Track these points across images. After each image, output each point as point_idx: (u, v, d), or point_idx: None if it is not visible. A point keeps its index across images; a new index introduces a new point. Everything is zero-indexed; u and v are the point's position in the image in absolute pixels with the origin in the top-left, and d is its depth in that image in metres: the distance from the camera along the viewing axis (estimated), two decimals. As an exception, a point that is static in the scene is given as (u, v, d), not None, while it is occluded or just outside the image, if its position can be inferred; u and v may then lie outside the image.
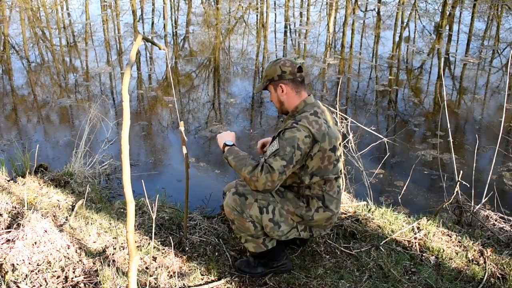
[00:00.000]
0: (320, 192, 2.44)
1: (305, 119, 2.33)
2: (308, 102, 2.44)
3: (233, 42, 8.66)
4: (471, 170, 3.35)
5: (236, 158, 2.36)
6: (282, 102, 2.49)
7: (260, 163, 2.28)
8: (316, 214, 2.45)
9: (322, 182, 2.42)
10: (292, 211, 2.45)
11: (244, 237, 2.51)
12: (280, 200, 2.45)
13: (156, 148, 4.82)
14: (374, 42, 8.66)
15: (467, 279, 2.61)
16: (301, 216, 2.45)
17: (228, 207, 2.45)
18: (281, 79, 2.44)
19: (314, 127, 2.31)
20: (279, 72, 2.43)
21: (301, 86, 2.47)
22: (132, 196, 1.78)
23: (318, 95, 6.13)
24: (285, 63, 2.44)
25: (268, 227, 2.43)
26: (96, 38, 8.77)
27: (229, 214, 2.47)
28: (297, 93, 2.45)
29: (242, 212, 2.41)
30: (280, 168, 2.25)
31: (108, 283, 2.42)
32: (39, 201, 3.24)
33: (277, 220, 2.42)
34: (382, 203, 3.50)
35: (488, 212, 3.20)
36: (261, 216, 2.41)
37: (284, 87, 2.44)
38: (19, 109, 5.79)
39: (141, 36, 1.91)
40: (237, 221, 2.45)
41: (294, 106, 2.45)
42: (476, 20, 10.32)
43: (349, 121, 3.50)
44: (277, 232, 2.45)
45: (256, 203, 2.40)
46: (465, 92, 6.33)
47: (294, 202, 2.45)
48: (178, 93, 6.29)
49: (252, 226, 2.43)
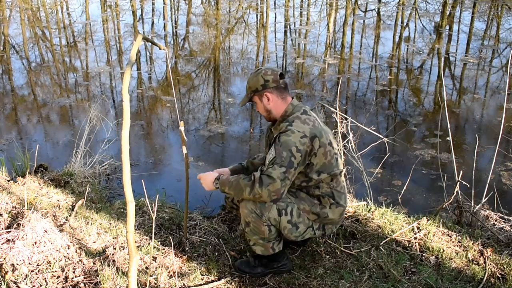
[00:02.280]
0: (329, 190, 2.48)
1: (298, 119, 2.38)
2: (295, 104, 2.48)
3: (233, 42, 8.66)
4: (471, 170, 3.35)
5: (232, 187, 2.40)
6: (269, 111, 2.51)
7: (256, 178, 2.30)
8: (330, 211, 2.49)
9: (329, 179, 2.46)
10: (308, 210, 2.47)
11: (255, 240, 2.50)
12: (295, 200, 2.47)
13: (156, 148, 4.81)
14: (374, 42, 8.66)
15: (467, 279, 2.61)
16: (317, 214, 2.48)
17: (246, 209, 2.42)
18: (265, 88, 2.46)
19: (308, 124, 2.36)
20: (262, 81, 2.45)
21: (285, 92, 2.50)
22: (132, 196, 1.78)
23: (318, 95, 6.13)
24: (266, 72, 2.46)
25: (286, 229, 2.44)
26: (96, 38, 8.77)
27: (246, 216, 2.44)
28: (282, 99, 2.48)
29: (261, 215, 2.39)
30: (281, 176, 2.27)
31: (108, 283, 2.42)
32: (39, 201, 3.24)
33: (295, 221, 2.44)
34: (382, 203, 3.49)
35: (488, 212, 3.20)
36: (280, 218, 2.41)
37: (269, 95, 2.46)
38: (19, 109, 5.79)
39: (141, 36, 1.91)
40: (253, 224, 2.44)
41: (283, 111, 2.48)
42: (476, 20, 10.32)
43: (349, 121, 3.50)
44: (295, 233, 2.47)
45: (275, 205, 2.40)
46: (465, 92, 6.33)
47: (308, 200, 2.48)
48: (178, 93, 6.29)
49: (267, 230, 2.43)
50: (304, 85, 6.49)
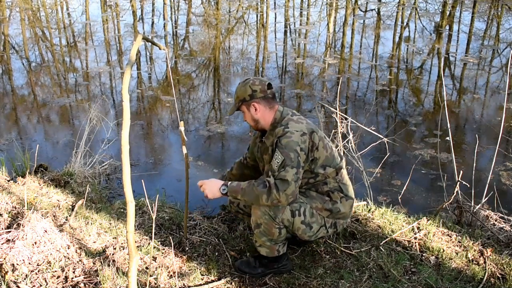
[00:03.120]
0: (336, 184, 2.51)
1: (291, 120, 2.43)
2: (281, 109, 2.51)
3: (233, 42, 8.66)
4: (471, 170, 3.35)
5: (245, 194, 2.35)
6: (257, 120, 2.52)
7: (271, 184, 2.29)
8: (341, 205, 2.52)
9: (335, 173, 2.50)
10: (321, 207, 2.49)
11: (262, 241, 2.50)
12: (307, 200, 2.48)
13: (156, 148, 4.82)
14: (374, 42, 8.66)
15: (467, 279, 2.61)
16: (330, 210, 2.50)
17: (260, 211, 2.41)
18: (253, 98, 2.47)
19: (302, 122, 2.43)
20: (249, 91, 2.46)
21: (273, 102, 2.52)
22: (132, 196, 1.79)
23: (318, 95, 6.13)
24: (254, 82, 2.47)
25: (300, 230, 2.45)
26: (96, 38, 8.77)
27: (259, 217, 2.42)
28: (270, 108, 2.51)
29: (275, 217, 2.39)
30: (294, 177, 2.29)
31: (108, 283, 2.42)
32: (39, 201, 3.24)
33: (308, 221, 2.45)
34: (382, 203, 3.49)
35: (488, 212, 3.20)
36: (293, 219, 2.41)
37: (256, 105, 2.48)
38: (19, 109, 5.79)
39: (141, 36, 1.91)
40: (264, 225, 2.43)
41: (272, 119, 2.50)
42: (476, 20, 10.32)
43: (349, 121, 3.51)
44: (309, 233, 2.48)
45: (288, 207, 2.40)
46: (465, 92, 6.33)
47: (319, 198, 2.50)
48: (178, 93, 6.29)
49: (277, 232, 2.43)
50: (304, 85, 6.49)
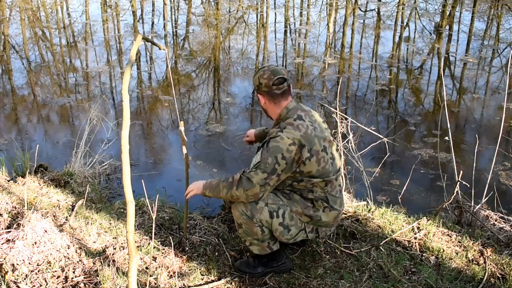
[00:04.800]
0: (323, 194, 2.44)
1: (290, 125, 2.34)
2: (290, 107, 2.42)
3: (233, 42, 8.65)
4: (471, 170, 3.35)
5: (211, 190, 2.44)
6: (265, 110, 2.53)
7: (235, 180, 2.32)
8: (323, 214, 2.46)
9: (323, 184, 2.42)
10: (301, 212, 2.44)
11: (250, 240, 2.50)
12: (288, 202, 2.45)
13: (156, 148, 4.81)
14: (374, 42, 8.66)
15: (467, 279, 2.61)
16: (310, 217, 2.45)
17: (238, 211, 2.42)
18: (259, 90, 2.45)
19: (300, 130, 2.31)
20: (257, 83, 2.45)
21: (279, 98, 2.43)
22: (132, 196, 1.79)
23: (318, 95, 6.13)
24: (263, 74, 2.40)
25: (278, 231, 2.43)
26: (96, 38, 8.77)
27: (238, 218, 2.44)
28: (275, 103, 2.45)
29: (252, 217, 2.39)
30: (261, 181, 2.28)
31: (108, 283, 2.42)
32: (39, 201, 3.24)
33: (287, 224, 2.42)
34: (382, 203, 3.49)
35: (488, 212, 3.20)
36: (271, 220, 2.40)
37: (261, 98, 2.47)
38: (19, 109, 5.79)
39: (141, 36, 1.91)
40: (245, 225, 2.44)
41: (277, 114, 2.46)
42: (476, 20, 10.32)
43: (349, 121, 3.50)
44: (287, 236, 2.45)
45: (266, 207, 2.39)
46: (465, 92, 6.33)
47: (302, 202, 2.45)
48: (178, 93, 6.29)
49: (259, 231, 2.42)
50: (304, 85, 6.48)
